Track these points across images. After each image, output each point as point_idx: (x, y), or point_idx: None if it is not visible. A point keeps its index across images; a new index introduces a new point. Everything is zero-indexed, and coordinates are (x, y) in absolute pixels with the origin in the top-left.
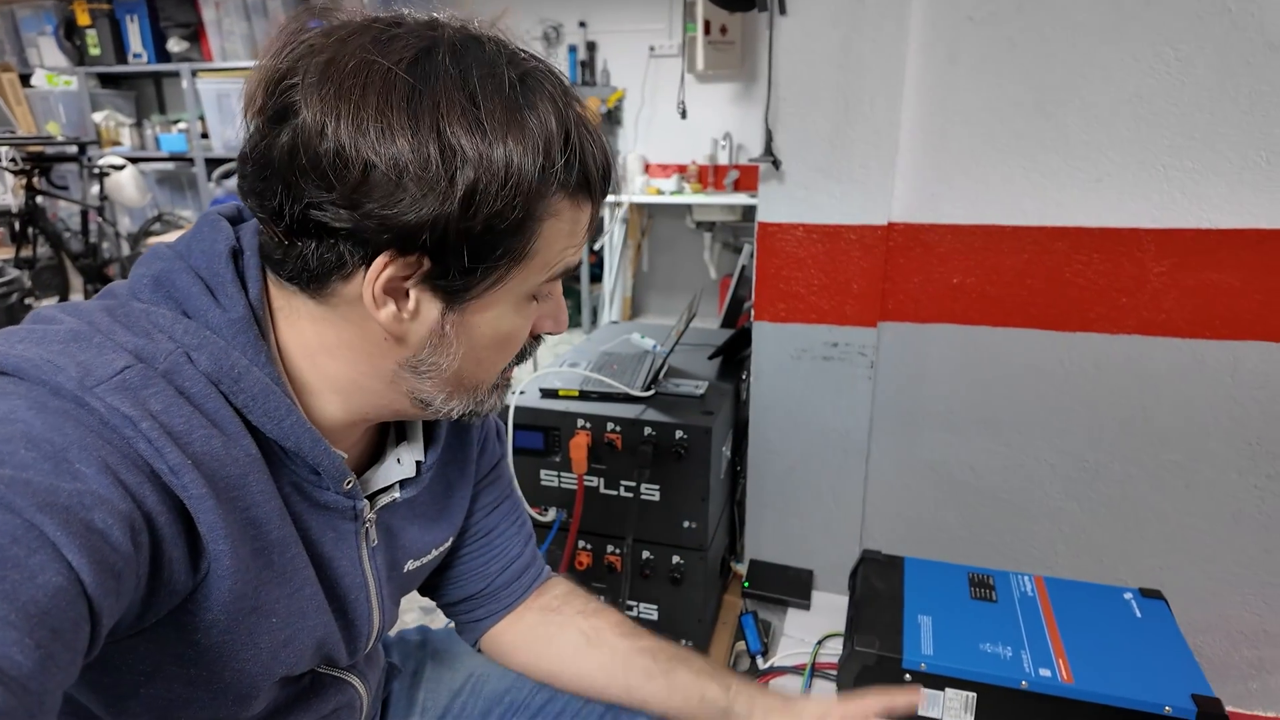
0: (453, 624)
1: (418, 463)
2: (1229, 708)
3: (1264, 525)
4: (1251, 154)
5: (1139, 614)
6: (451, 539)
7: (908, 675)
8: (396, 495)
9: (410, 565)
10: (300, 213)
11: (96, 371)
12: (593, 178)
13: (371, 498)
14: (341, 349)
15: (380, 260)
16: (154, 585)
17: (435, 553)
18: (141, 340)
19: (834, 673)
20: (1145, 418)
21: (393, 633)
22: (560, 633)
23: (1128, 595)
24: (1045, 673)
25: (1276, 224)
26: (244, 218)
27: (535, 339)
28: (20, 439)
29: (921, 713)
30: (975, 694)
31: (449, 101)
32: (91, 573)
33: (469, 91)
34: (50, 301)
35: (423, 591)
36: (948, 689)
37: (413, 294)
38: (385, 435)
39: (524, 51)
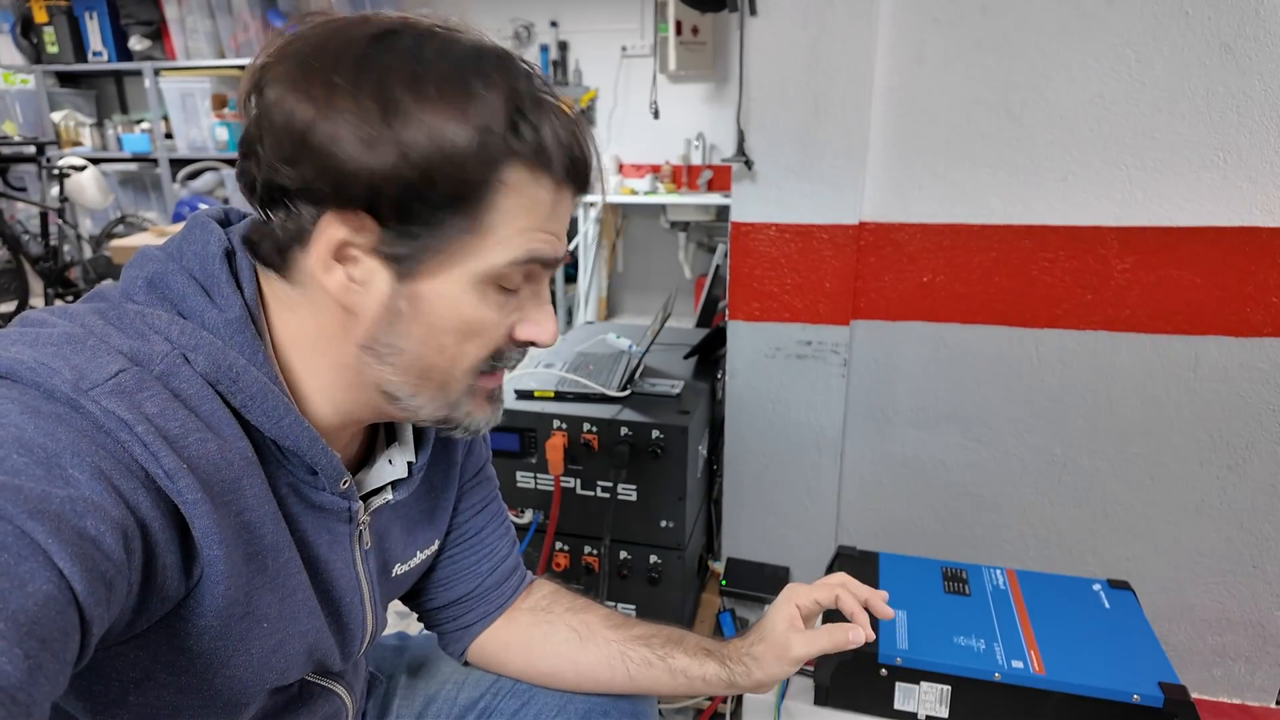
0: (435, 636)
1: (409, 464)
2: (1194, 694)
3: (1225, 515)
4: (1209, 153)
5: (1107, 605)
6: (437, 543)
7: (884, 670)
8: (390, 497)
9: (398, 569)
10: (265, 180)
11: (91, 375)
12: (551, 153)
13: (365, 500)
14: (315, 337)
15: (326, 219)
16: (146, 592)
17: (421, 556)
18: (137, 343)
19: (811, 669)
20: (1111, 412)
21: None
22: (554, 630)
23: (1096, 586)
24: (1018, 664)
25: (1234, 222)
26: (231, 220)
27: (519, 346)
28: (13, 444)
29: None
30: (950, 687)
31: (399, 67)
32: (83, 581)
33: (420, 59)
34: (8, 306)
35: (406, 599)
36: (923, 682)
37: (362, 260)
38: (375, 438)
39: (497, 44)
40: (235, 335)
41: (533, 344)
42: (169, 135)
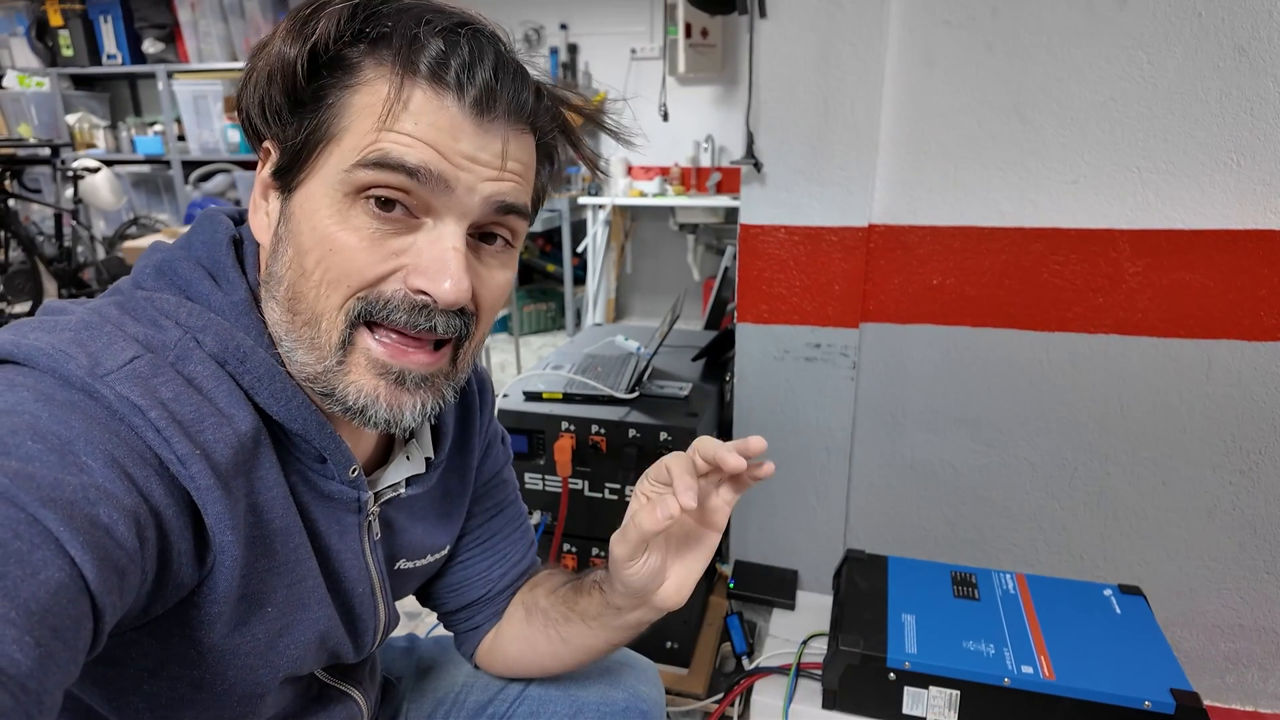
0: (451, 635)
1: (427, 460)
2: (1206, 701)
3: (1238, 520)
4: (1222, 156)
5: (1119, 610)
6: (448, 547)
7: (892, 674)
8: (402, 490)
9: (403, 565)
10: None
11: (106, 361)
12: (393, 42)
13: (376, 492)
14: None
15: (259, 167)
16: (161, 579)
17: (430, 559)
18: (150, 330)
19: (819, 672)
20: (1122, 416)
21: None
22: (512, 611)
23: (1107, 592)
24: (1027, 670)
25: (1247, 224)
26: (243, 219)
27: (416, 295)
28: (27, 431)
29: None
30: (959, 692)
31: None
32: (95, 569)
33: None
34: (23, 307)
35: (423, 601)
36: (931, 687)
37: (270, 193)
38: (394, 439)
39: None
40: (241, 318)
41: (424, 294)
42: (181, 137)
